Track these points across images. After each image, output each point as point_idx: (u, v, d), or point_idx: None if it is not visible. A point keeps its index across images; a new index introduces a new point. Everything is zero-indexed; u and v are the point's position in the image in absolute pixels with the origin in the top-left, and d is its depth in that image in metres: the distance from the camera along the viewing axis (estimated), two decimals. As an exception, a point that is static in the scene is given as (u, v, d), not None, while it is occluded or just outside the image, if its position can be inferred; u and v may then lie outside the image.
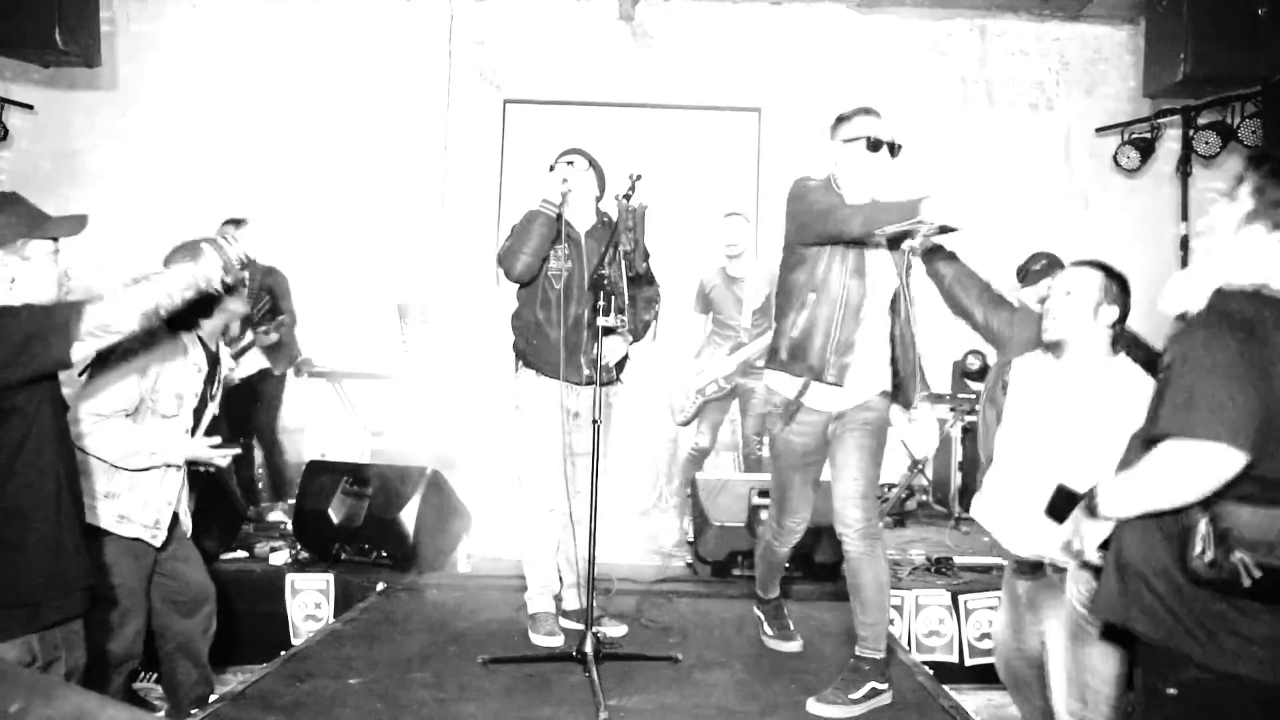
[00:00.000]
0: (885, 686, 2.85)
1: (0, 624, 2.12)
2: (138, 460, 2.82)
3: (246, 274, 2.67)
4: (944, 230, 2.52)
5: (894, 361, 2.94)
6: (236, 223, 2.98)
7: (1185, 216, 6.14)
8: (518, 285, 3.50)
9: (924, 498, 6.20)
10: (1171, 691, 1.54)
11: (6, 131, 6.18)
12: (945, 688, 3.06)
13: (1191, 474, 1.50)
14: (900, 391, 2.95)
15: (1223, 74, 5.43)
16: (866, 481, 2.90)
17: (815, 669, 3.17)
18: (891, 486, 5.76)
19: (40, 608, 2.16)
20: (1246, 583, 1.46)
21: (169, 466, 2.91)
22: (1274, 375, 1.47)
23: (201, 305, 2.80)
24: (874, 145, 2.82)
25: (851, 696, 2.79)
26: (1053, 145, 6.80)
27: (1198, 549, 1.48)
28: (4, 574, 2.14)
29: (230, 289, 2.73)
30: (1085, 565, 1.86)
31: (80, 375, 2.79)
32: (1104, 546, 1.75)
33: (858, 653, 2.88)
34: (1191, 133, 6.12)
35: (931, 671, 3.30)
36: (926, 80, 6.78)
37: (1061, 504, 1.91)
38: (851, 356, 2.85)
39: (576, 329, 3.42)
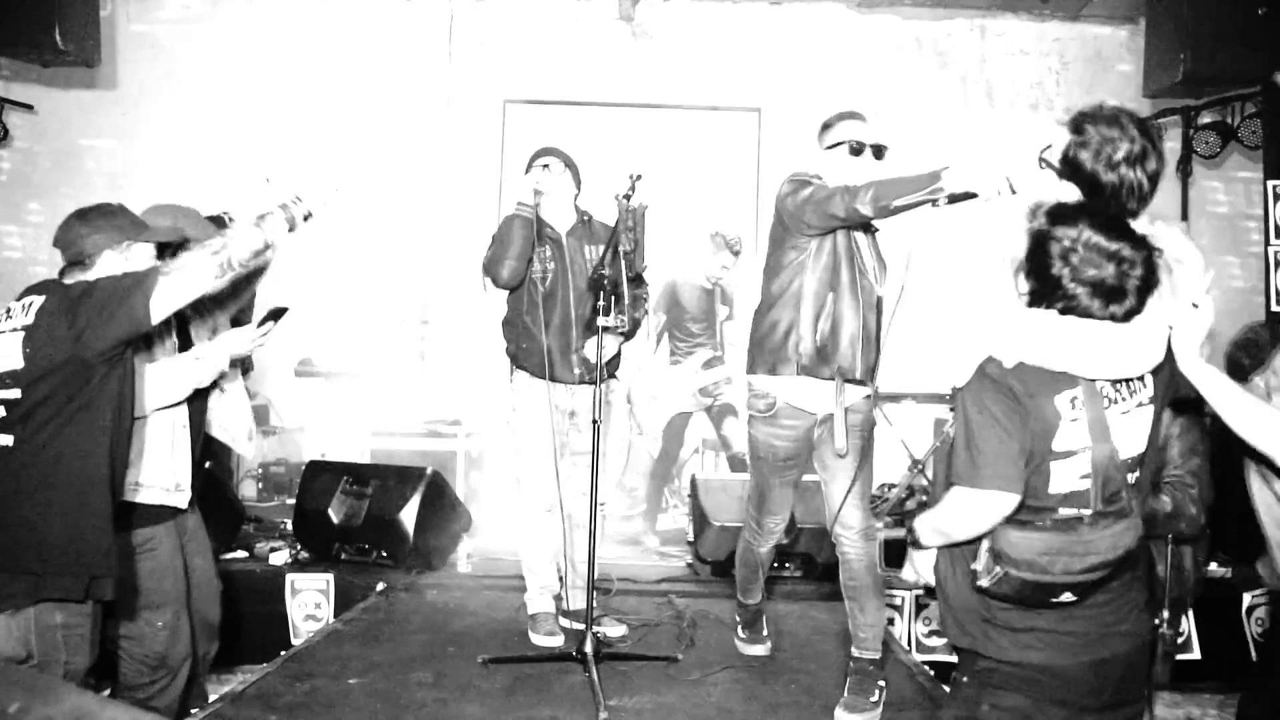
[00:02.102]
0: (885, 683, 2.87)
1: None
2: (190, 378, 2.73)
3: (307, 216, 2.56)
4: (964, 198, 2.42)
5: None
6: (216, 220, 2.93)
7: (1185, 216, 6.13)
8: (506, 291, 3.50)
9: (924, 498, 6.19)
10: (965, 679, 1.92)
11: (6, 131, 6.18)
12: (945, 688, 3.06)
13: (977, 515, 1.78)
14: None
15: (1223, 74, 5.42)
16: (864, 483, 2.89)
17: (815, 669, 3.17)
18: (891, 486, 5.76)
19: (42, 580, 2.17)
20: (1009, 592, 1.77)
21: (178, 430, 2.79)
22: (1029, 425, 1.76)
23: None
24: (856, 150, 2.82)
25: (871, 700, 2.79)
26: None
27: (980, 567, 1.78)
28: (15, 541, 2.16)
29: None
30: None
31: None
32: None
33: (858, 654, 2.88)
34: (1191, 133, 6.11)
35: (931, 671, 3.30)
36: (926, 80, 6.78)
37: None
38: (877, 355, 2.84)
39: (564, 328, 3.42)
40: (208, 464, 3.11)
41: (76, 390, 2.17)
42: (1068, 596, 1.76)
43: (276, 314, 3.01)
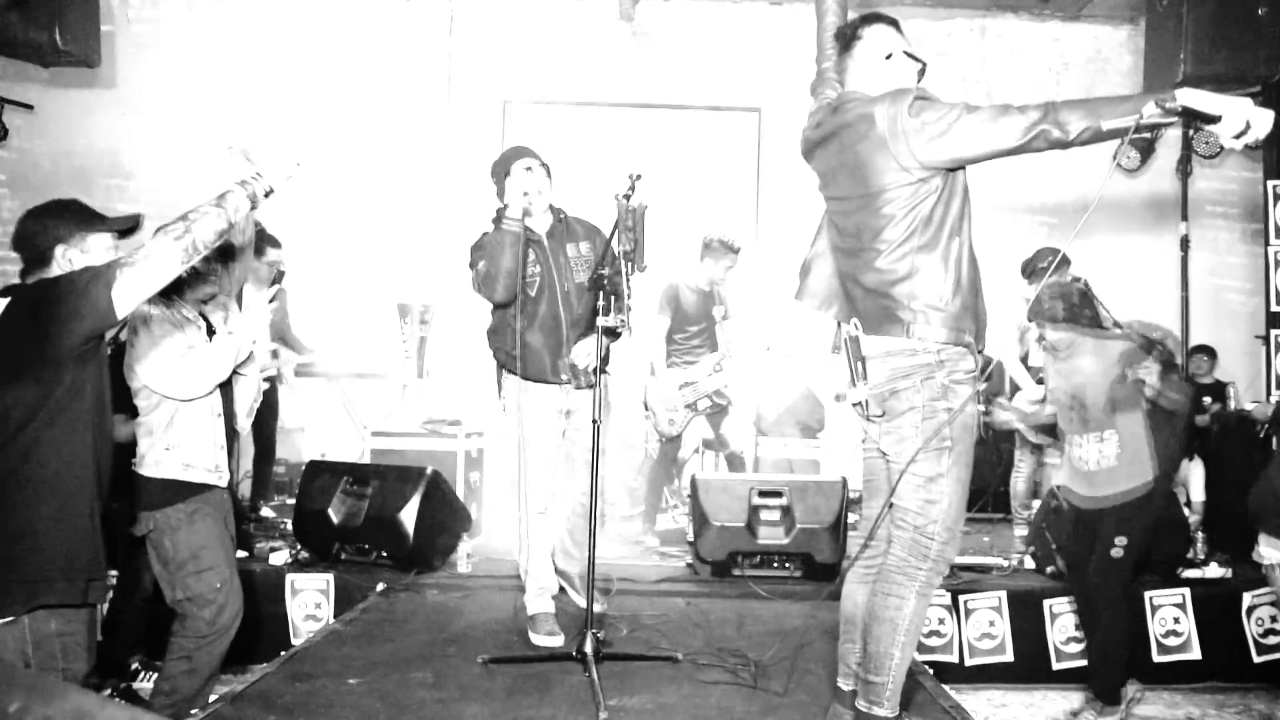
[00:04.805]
0: None
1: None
2: (230, 353, 2.87)
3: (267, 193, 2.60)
4: (1201, 119, 2.10)
5: None
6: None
7: (1185, 216, 6.14)
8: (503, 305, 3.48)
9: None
10: None
11: (6, 131, 6.18)
12: (945, 688, 3.06)
13: None
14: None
15: (1223, 74, 5.43)
16: None
17: (815, 669, 3.17)
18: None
19: (37, 586, 2.15)
20: None
21: (214, 417, 2.95)
22: None
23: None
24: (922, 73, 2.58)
25: None
26: (1052, 145, 6.81)
27: None
28: (8, 549, 2.14)
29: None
30: None
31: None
32: None
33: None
34: (1191, 133, 6.12)
35: (931, 671, 3.30)
36: (926, 80, 6.77)
37: None
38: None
39: (555, 329, 3.43)
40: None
41: (50, 391, 2.14)
42: None
43: (277, 278, 3.07)
